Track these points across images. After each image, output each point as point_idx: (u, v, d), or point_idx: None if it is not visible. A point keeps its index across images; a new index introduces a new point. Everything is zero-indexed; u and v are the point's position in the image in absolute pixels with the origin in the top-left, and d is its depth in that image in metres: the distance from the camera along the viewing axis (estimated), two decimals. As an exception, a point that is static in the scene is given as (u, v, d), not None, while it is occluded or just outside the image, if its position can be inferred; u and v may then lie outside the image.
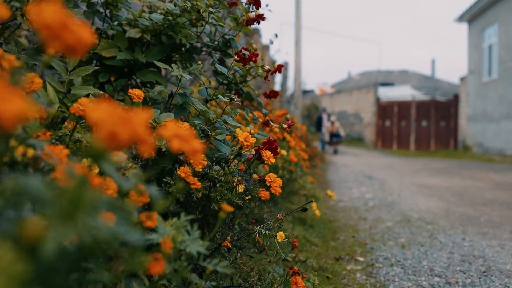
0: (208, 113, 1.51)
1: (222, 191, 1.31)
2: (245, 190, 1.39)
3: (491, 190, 6.79)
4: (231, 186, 1.32)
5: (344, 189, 6.73)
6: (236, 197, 1.32)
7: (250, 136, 1.36)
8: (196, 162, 1.21)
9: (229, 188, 1.32)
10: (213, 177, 1.30)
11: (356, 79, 37.92)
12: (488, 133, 15.80)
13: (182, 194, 1.26)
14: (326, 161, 12.37)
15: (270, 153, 1.42)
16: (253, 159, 1.42)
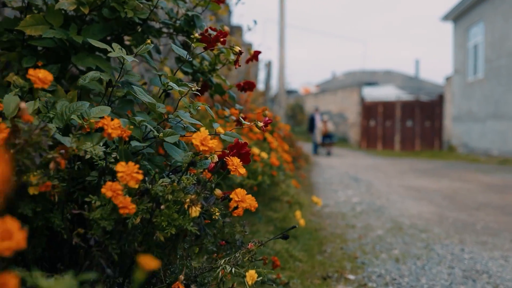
0: (157, 106, 1.13)
1: (170, 214, 0.94)
2: (204, 212, 1.02)
3: (482, 192, 6.51)
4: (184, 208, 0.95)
5: (329, 192, 6.38)
6: (189, 222, 0.95)
7: (209, 138, 0.98)
8: (126, 174, 0.83)
9: (181, 210, 0.95)
10: (157, 196, 0.93)
11: (341, 79, 37.76)
12: (474, 133, 15.66)
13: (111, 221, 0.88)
14: (310, 162, 12.04)
15: (239, 161, 1.04)
16: (215, 169, 1.05)
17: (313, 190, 6.45)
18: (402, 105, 20.32)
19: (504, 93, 13.46)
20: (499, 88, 13.76)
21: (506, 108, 13.32)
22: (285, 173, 4.06)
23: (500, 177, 8.68)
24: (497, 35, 13.93)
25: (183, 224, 0.94)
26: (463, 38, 16.93)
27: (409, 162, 13.46)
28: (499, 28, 13.84)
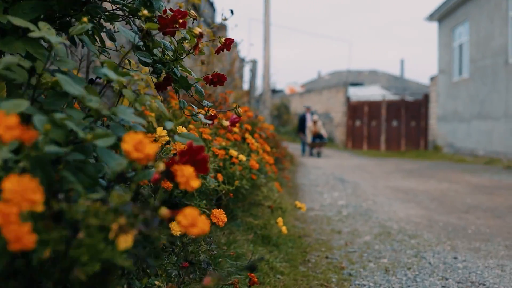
0: (87, 100, 0.88)
1: (94, 244, 0.69)
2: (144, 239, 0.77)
3: (471, 194, 6.35)
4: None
5: (315, 194, 6.16)
6: (120, 254, 0.70)
7: (147, 142, 0.73)
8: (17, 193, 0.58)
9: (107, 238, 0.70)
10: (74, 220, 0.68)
11: (326, 78, 37.69)
12: (459, 133, 15.61)
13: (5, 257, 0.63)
14: (296, 163, 11.83)
15: (192, 170, 0.80)
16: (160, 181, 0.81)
17: (298, 192, 6.22)
18: (387, 105, 20.24)
19: (489, 93, 13.40)
20: (484, 88, 13.71)
21: (491, 108, 13.27)
22: (267, 176, 3.82)
23: (487, 178, 8.55)
24: (482, 35, 13.89)
25: (112, 257, 0.70)
26: (448, 37, 16.89)
27: (395, 163, 13.34)
28: (484, 27, 13.79)
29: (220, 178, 2.41)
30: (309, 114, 15.81)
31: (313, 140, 14.92)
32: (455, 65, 16.48)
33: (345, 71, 37.93)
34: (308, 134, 15.03)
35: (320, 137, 15.01)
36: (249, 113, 3.78)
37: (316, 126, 14.96)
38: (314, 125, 14.99)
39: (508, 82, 12.21)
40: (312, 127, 14.97)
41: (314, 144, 14.89)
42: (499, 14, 12.77)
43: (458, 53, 16.20)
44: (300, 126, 15.95)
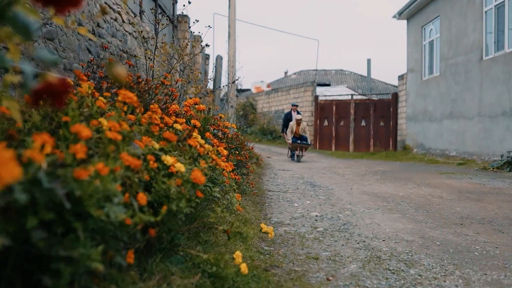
0: None
1: None
2: None
3: (458, 201, 5.66)
4: None
5: (284, 203, 5.33)
6: None
7: None
8: None
9: None
10: None
11: (293, 77, 37.14)
12: (430, 133, 15.15)
13: None
14: (263, 165, 11.02)
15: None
16: None
17: (265, 201, 5.38)
18: (356, 104, 19.71)
19: (461, 92, 12.94)
20: (456, 86, 13.25)
21: (463, 107, 12.80)
22: (224, 186, 2.96)
23: (467, 181, 7.94)
24: (454, 32, 13.43)
25: None
26: (418, 35, 16.44)
27: (365, 164, 12.70)
28: (456, 24, 13.33)
29: (143, 201, 1.53)
30: (295, 113, 14.40)
31: (294, 141, 13.36)
32: (425, 63, 16.04)
33: (312, 70, 37.47)
34: (289, 133, 13.57)
35: (304, 138, 13.51)
36: (201, 106, 2.90)
37: (299, 127, 13.56)
38: (297, 125, 13.59)
39: (482, 79, 11.74)
40: (295, 126, 13.56)
41: (295, 145, 13.27)
42: (473, 9, 12.31)
43: (429, 51, 15.76)
44: (285, 125, 14.48)
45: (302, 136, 13.48)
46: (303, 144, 13.27)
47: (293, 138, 13.43)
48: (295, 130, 13.48)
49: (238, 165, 5.11)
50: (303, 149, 13.28)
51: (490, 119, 11.32)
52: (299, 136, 13.50)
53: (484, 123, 11.61)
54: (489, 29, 11.68)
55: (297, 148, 13.22)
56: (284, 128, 14.40)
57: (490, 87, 11.34)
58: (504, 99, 10.70)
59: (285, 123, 14.49)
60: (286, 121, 14.50)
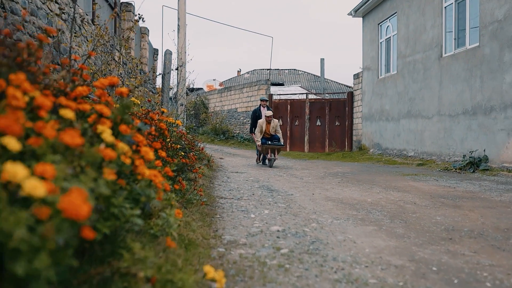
0: None
1: None
2: None
3: (434, 208, 5.02)
4: None
5: (238, 214, 4.49)
6: None
7: None
8: None
9: None
10: None
11: (246, 76, 36.43)
12: (387, 133, 14.76)
13: None
14: (214, 167, 10.14)
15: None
16: None
17: (215, 212, 4.51)
18: (311, 103, 19.17)
19: (419, 90, 12.56)
20: (414, 85, 12.87)
21: (422, 106, 12.42)
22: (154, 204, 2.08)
23: (435, 184, 7.40)
24: (412, 28, 13.04)
25: None
26: (374, 33, 16.06)
27: (323, 165, 12.09)
28: (414, 20, 12.95)
29: None
30: (264, 109, 12.39)
31: (264, 142, 11.41)
32: (381, 61, 15.66)
33: (265, 70, 36.90)
34: (257, 133, 11.57)
35: (274, 139, 11.51)
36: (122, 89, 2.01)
37: (270, 125, 11.57)
38: (268, 123, 11.58)
39: (442, 77, 11.37)
40: (264, 125, 11.57)
41: (265, 147, 11.33)
42: (432, 5, 11.94)
43: (385, 49, 15.39)
44: (254, 124, 12.36)
45: (273, 136, 11.57)
46: (275, 145, 11.31)
47: (262, 139, 11.50)
48: (265, 129, 11.56)
49: (183, 169, 4.24)
50: (276, 152, 11.34)
51: (451, 118, 10.95)
52: (270, 136, 11.60)
53: (444, 122, 11.24)
54: (449, 25, 11.33)
55: (268, 150, 11.32)
56: (252, 127, 12.38)
57: (450, 85, 10.97)
58: (465, 97, 10.34)
59: (253, 121, 12.44)
60: (254, 119, 12.41)
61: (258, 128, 11.55)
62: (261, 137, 11.49)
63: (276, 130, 11.59)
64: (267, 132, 11.56)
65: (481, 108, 9.72)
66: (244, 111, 21.99)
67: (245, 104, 21.92)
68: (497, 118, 9.17)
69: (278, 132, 11.60)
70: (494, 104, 9.25)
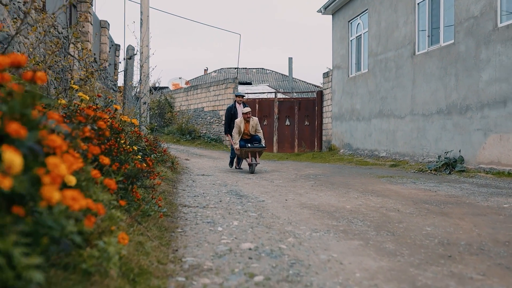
0: None
1: None
2: None
3: (420, 216, 4.56)
4: None
5: (203, 226, 3.90)
6: None
7: None
8: None
9: None
10: None
11: (213, 75, 35.76)
12: (357, 133, 14.42)
13: None
14: (178, 169, 9.49)
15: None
16: None
17: (177, 225, 3.90)
18: (280, 103, 18.71)
19: (392, 89, 12.25)
20: (386, 83, 12.55)
21: (394, 105, 12.10)
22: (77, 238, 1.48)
23: (413, 187, 7.00)
24: (384, 26, 12.72)
25: None
26: (344, 30, 15.71)
27: (294, 166, 11.60)
28: (386, 17, 12.63)
29: None
30: (241, 106, 10.69)
31: (243, 146, 9.65)
32: (352, 59, 15.33)
33: (233, 69, 36.32)
34: (235, 134, 9.89)
35: (255, 140, 9.91)
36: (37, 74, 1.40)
37: (249, 124, 9.95)
38: (247, 122, 9.97)
39: (415, 76, 11.06)
40: (243, 124, 9.90)
41: (245, 150, 9.58)
42: (404, 1, 11.63)
43: (356, 47, 15.05)
44: (229, 124, 10.71)
45: (254, 136, 9.91)
46: (256, 147, 9.61)
47: (241, 141, 9.77)
48: (244, 129, 9.88)
49: (138, 176, 3.61)
50: (257, 155, 9.61)
51: (424, 118, 10.64)
52: (250, 137, 9.93)
53: (417, 122, 10.93)
54: (423, 22, 11.03)
55: (248, 154, 9.57)
56: (228, 127, 10.71)
57: (424, 83, 10.66)
58: (439, 96, 10.04)
59: (228, 121, 10.73)
60: (229, 118, 10.72)
61: (236, 128, 9.88)
62: (240, 138, 9.84)
63: (256, 130, 9.98)
64: (247, 133, 9.93)
65: (456, 107, 9.43)
66: (211, 110, 21.34)
67: (212, 103, 21.28)
68: (473, 118, 8.89)
69: (258, 132, 10.00)
70: (470, 103, 8.96)
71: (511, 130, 7.90)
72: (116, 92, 15.33)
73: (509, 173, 7.81)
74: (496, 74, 8.26)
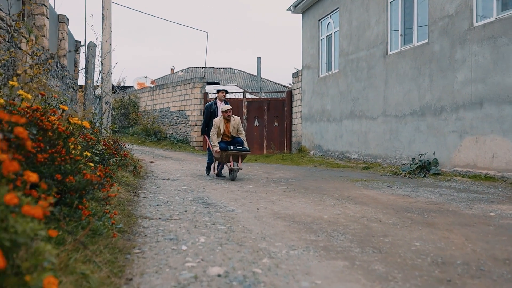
0: None
1: None
2: None
3: (404, 227, 4.19)
4: None
5: (164, 245, 3.39)
6: None
7: None
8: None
9: None
10: None
11: (180, 74, 35.02)
12: (328, 134, 14.11)
13: None
14: (142, 173, 8.90)
15: None
16: None
17: (134, 243, 3.38)
18: (248, 103, 18.26)
19: (363, 90, 11.97)
20: (358, 84, 12.27)
21: (366, 106, 11.83)
22: None
23: (390, 192, 6.66)
24: (355, 25, 12.44)
25: None
26: (315, 29, 15.40)
27: (264, 169, 11.17)
28: (357, 16, 12.35)
29: None
30: (222, 104, 9.37)
31: (224, 148, 8.46)
32: (322, 59, 15.02)
33: (200, 68, 35.70)
34: (213, 136, 8.62)
35: (236, 143, 8.68)
36: None
37: (230, 124, 8.69)
38: (227, 121, 8.70)
39: (387, 76, 10.80)
40: (222, 124, 8.63)
41: (226, 154, 8.33)
42: (376, 0, 11.35)
43: (326, 46, 14.75)
44: (207, 124, 9.33)
45: (235, 138, 8.73)
46: (239, 151, 8.42)
47: (221, 143, 8.58)
48: (224, 130, 8.67)
49: (86, 189, 3.07)
50: (239, 159, 8.45)
51: (397, 119, 10.39)
52: (231, 139, 8.74)
53: (390, 124, 10.68)
54: (395, 21, 10.78)
55: (229, 158, 8.33)
56: (205, 128, 9.37)
57: (396, 84, 10.41)
58: (413, 97, 9.79)
59: (207, 120, 9.36)
60: (208, 117, 9.32)
61: (214, 129, 8.60)
62: (220, 140, 8.64)
63: (238, 131, 8.77)
64: (227, 134, 8.72)
65: (430, 109, 9.20)
66: (177, 111, 20.69)
67: (179, 103, 20.63)
68: (448, 119, 8.66)
69: (240, 134, 8.79)
70: (445, 104, 8.73)
71: (487, 132, 7.68)
72: (76, 91, 14.55)
73: (485, 176, 7.60)
74: (472, 75, 8.04)
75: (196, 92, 19.34)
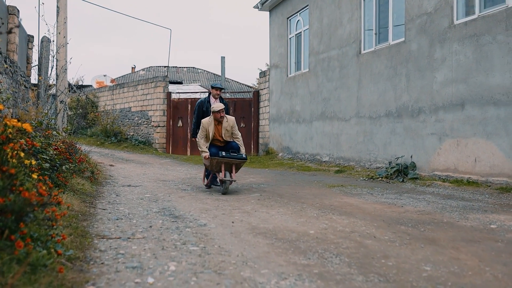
0: None
1: None
2: None
3: (404, 245, 3.68)
4: None
5: (126, 277, 2.73)
6: None
7: None
8: None
9: None
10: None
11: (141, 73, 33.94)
12: (297, 136, 13.63)
13: None
14: (100, 179, 8.13)
15: None
16: None
17: (87, 279, 2.70)
18: (214, 103, 17.55)
19: (335, 90, 11.55)
20: (329, 84, 11.84)
21: (338, 107, 11.41)
22: None
23: (374, 200, 6.19)
24: (326, 23, 12.01)
25: None
26: (283, 28, 14.90)
27: (232, 173, 10.53)
28: (328, 14, 11.92)
29: None
30: (217, 101, 7.74)
31: (214, 154, 6.96)
32: (291, 58, 14.54)
33: (162, 67, 34.74)
34: (200, 139, 7.18)
35: (231, 148, 7.22)
36: None
37: (223, 126, 7.19)
38: (218, 123, 7.19)
39: (361, 76, 10.40)
40: (212, 125, 7.14)
41: (216, 161, 6.90)
42: (349, -3, 10.94)
43: (295, 45, 14.28)
44: (197, 124, 7.77)
45: (230, 143, 7.29)
46: (232, 158, 6.98)
47: (212, 148, 7.13)
48: (214, 133, 7.18)
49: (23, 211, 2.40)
50: (233, 168, 7.02)
51: (371, 121, 9.99)
52: (224, 143, 7.28)
53: (364, 125, 10.27)
54: (369, 19, 10.39)
55: (221, 166, 6.90)
56: (197, 129, 7.68)
57: (371, 84, 10.02)
58: (388, 97, 9.41)
59: (197, 120, 7.81)
60: (200, 116, 7.79)
61: (202, 132, 7.18)
62: (210, 145, 7.21)
63: (233, 134, 7.31)
64: (219, 138, 7.24)
65: (407, 110, 8.83)
66: (139, 111, 19.77)
67: (140, 103, 19.72)
68: (426, 121, 8.30)
69: (236, 138, 7.34)
70: (423, 105, 8.37)
71: (469, 135, 7.34)
72: (28, 89, 13.50)
73: (468, 181, 7.25)
74: (452, 75, 7.69)
75: (158, 92, 18.52)
